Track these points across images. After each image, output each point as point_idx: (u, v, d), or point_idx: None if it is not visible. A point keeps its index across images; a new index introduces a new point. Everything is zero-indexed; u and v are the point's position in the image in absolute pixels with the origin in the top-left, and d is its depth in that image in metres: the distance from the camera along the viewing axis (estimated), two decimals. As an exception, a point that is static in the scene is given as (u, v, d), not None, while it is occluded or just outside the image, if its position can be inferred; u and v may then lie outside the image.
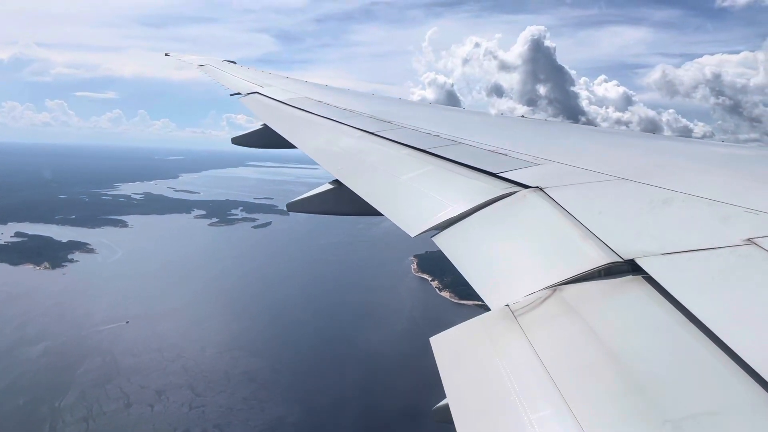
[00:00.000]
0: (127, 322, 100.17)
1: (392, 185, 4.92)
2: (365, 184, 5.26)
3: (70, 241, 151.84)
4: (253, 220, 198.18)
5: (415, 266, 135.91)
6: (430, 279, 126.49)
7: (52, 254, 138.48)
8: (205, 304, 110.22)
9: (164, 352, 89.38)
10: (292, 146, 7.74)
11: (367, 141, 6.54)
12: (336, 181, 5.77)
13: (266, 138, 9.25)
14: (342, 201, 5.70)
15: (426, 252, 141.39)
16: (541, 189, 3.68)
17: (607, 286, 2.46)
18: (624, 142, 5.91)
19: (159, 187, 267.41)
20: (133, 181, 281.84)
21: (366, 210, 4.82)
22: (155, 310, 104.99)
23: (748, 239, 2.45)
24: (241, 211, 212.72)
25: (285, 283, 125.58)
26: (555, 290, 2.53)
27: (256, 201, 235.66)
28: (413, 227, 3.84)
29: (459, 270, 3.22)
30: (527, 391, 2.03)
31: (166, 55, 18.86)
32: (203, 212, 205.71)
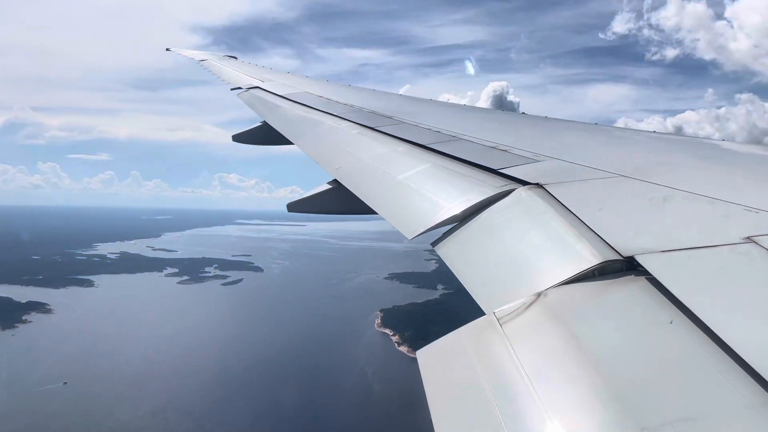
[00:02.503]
0: (65, 383, 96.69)
1: (390, 184, 4.85)
2: (363, 184, 5.18)
3: (29, 301, 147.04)
4: (225, 277, 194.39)
5: (379, 321, 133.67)
6: (391, 334, 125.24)
7: (6, 315, 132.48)
8: (149, 363, 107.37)
9: (95, 414, 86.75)
10: (291, 143, 7.69)
11: (367, 137, 6.48)
12: (335, 181, 5.66)
13: (266, 135, 9.20)
14: (341, 201, 5.61)
15: (393, 306, 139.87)
16: (541, 186, 3.65)
17: (600, 286, 2.45)
18: (624, 140, 5.82)
19: (137, 247, 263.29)
20: (113, 241, 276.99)
21: (366, 209, 4.75)
22: (98, 371, 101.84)
23: (748, 237, 2.43)
24: (215, 268, 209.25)
25: (240, 342, 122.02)
26: (539, 295, 2.51)
27: (233, 258, 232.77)
28: (410, 229, 3.80)
29: (457, 277, 3.17)
30: (508, 403, 2.03)
31: (168, 50, 18.75)
32: (176, 270, 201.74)
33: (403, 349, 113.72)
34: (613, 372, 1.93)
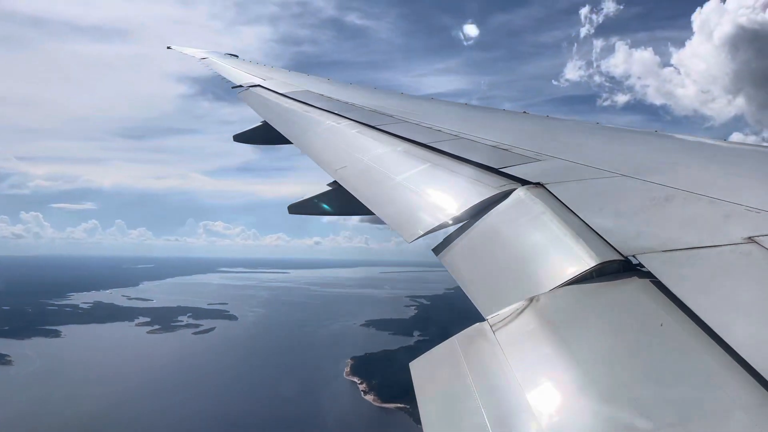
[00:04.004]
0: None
1: (390, 185, 4.78)
2: (363, 185, 5.10)
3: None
4: (197, 326, 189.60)
5: (348, 369, 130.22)
6: (359, 382, 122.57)
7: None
8: (101, 417, 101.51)
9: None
10: (291, 142, 7.60)
11: (368, 136, 6.41)
12: (336, 182, 5.59)
13: (266, 134, 9.06)
14: (341, 202, 5.53)
15: (365, 354, 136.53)
16: (542, 185, 3.63)
17: (599, 287, 2.44)
18: (626, 140, 5.77)
19: (113, 296, 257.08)
20: (89, 290, 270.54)
21: (366, 209, 4.66)
22: (47, 423, 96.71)
23: (749, 238, 2.44)
24: (189, 317, 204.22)
25: (200, 393, 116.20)
26: (532, 300, 2.49)
27: (209, 307, 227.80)
28: (409, 232, 3.73)
29: (459, 283, 3.14)
30: (497, 411, 2.02)
31: (168, 48, 18.62)
32: (147, 319, 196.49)
33: (369, 398, 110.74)
34: (606, 376, 1.91)
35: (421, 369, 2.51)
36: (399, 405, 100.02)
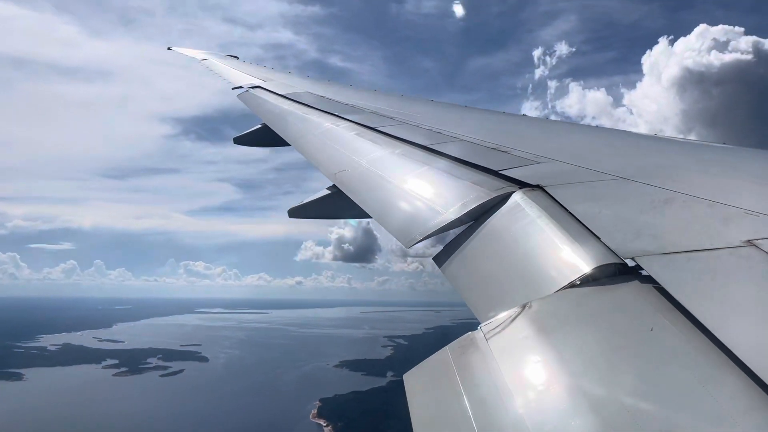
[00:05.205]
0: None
1: (389, 189, 4.77)
2: (362, 189, 5.05)
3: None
4: (166, 368, 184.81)
5: (315, 411, 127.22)
6: (325, 425, 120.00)
7: None
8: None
9: None
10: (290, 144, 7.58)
11: (367, 139, 6.37)
12: (335, 186, 5.53)
13: (266, 137, 9.08)
14: (341, 206, 5.48)
15: (335, 395, 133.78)
16: (541, 188, 3.62)
17: (597, 291, 2.43)
18: (626, 143, 5.75)
19: (84, 338, 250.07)
20: (60, 332, 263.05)
21: (365, 213, 4.64)
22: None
23: (748, 241, 2.44)
24: (158, 359, 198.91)
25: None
26: (525, 307, 2.48)
27: (181, 348, 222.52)
28: (408, 237, 3.71)
29: (458, 292, 3.13)
30: (488, 421, 2.01)
31: (169, 49, 18.58)
32: (115, 362, 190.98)
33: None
34: (600, 383, 1.90)
35: (414, 381, 2.48)
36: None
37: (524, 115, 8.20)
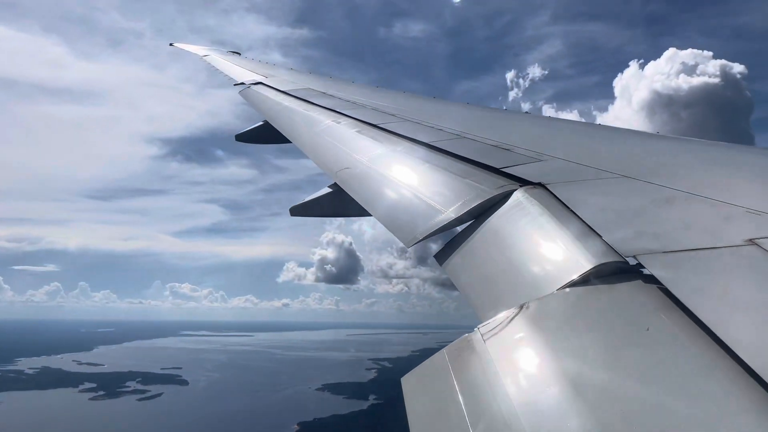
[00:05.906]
0: None
1: (390, 187, 4.76)
2: (363, 187, 5.04)
3: None
4: (145, 392, 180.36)
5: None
6: None
7: None
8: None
9: None
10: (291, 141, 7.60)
11: (368, 136, 6.33)
12: (335, 184, 5.54)
13: (268, 133, 9.05)
14: (342, 204, 5.50)
15: (314, 419, 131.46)
16: (543, 185, 3.61)
17: (598, 289, 2.43)
18: (629, 141, 5.72)
19: (63, 361, 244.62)
20: (39, 356, 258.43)
21: (367, 211, 4.63)
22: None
23: (750, 240, 2.44)
24: (137, 382, 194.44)
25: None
26: (522, 307, 2.47)
27: (161, 371, 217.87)
28: (409, 237, 3.68)
29: (458, 289, 3.12)
30: (484, 423, 2.00)
31: (171, 45, 18.38)
32: (93, 385, 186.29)
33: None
34: (598, 382, 1.89)
35: (411, 384, 2.46)
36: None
37: (527, 112, 8.11)
